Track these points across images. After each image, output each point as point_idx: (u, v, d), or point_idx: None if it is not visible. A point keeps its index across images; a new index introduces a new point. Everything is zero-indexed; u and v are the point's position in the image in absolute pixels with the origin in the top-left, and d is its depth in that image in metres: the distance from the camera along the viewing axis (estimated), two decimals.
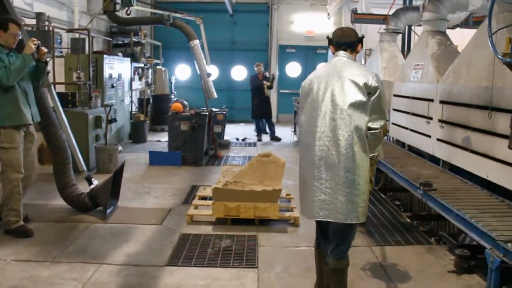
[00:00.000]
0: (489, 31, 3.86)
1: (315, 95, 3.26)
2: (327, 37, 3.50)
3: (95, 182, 5.82)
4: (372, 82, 3.10)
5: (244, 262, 4.35)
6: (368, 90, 3.08)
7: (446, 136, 6.29)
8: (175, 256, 4.45)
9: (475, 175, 5.71)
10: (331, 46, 3.43)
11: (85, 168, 5.84)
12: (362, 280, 4.07)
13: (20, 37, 4.93)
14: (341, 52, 3.35)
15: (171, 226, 5.30)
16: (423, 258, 4.54)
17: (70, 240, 4.80)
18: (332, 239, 3.32)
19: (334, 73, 3.21)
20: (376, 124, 3.11)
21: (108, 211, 5.60)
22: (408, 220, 5.66)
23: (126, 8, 9.82)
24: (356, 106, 3.07)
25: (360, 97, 3.07)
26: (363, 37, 3.41)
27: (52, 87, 5.79)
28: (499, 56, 3.63)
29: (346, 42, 3.34)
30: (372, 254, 4.61)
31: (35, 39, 4.90)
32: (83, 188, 5.82)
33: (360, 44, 3.39)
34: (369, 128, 3.11)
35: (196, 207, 5.78)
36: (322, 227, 3.47)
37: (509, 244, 3.62)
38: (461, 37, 10.32)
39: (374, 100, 3.09)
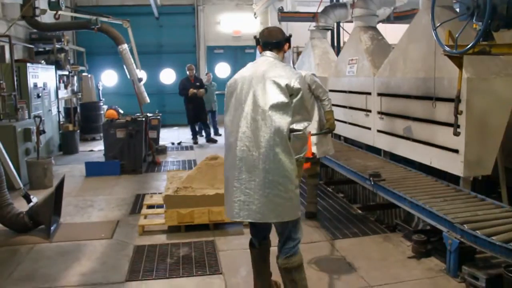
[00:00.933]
0: (433, 25, 4.00)
1: (239, 95, 3.22)
2: (254, 37, 3.49)
3: (34, 200, 5.44)
4: (295, 84, 3.05)
5: (208, 269, 4.23)
6: (290, 92, 3.03)
7: (387, 127, 6.51)
8: (134, 270, 4.24)
9: (413, 163, 5.96)
10: (258, 46, 3.40)
11: (22, 185, 5.47)
12: (327, 274, 4.09)
13: None
14: (268, 52, 3.32)
15: (122, 239, 5.04)
16: (382, 247, 4.65)
17: (13, 266, 4.42)
18: (279, 238, 3.32)
19: (258, 74, 3.17)
20: (299, 126, 3.04)
21: (52, 229, 5.24)
22: (360, 211, 5.78)
23: (55, 13, 9.27)
24: (277, 107, 3.03)
25: (282, 98, 3.03)
26: (290, 36, 3.40)
27: None
28: (446, 48, 3.78)
29: (273, 42, 3.32)
30: (332, 248, 4.65)
31: None
32: (19, 206, 5.41)
33: (287, 44, 3.37)
34: (292, 130, 3.04)
35: (145, 217, 5.56)
36: (254, 226, 3.48)
37: (465, 225, 3.80)
38: (384, 32, 10.77)
39: (296, 102, 3.04)
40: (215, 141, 12.15)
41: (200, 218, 5.16)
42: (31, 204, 5.38)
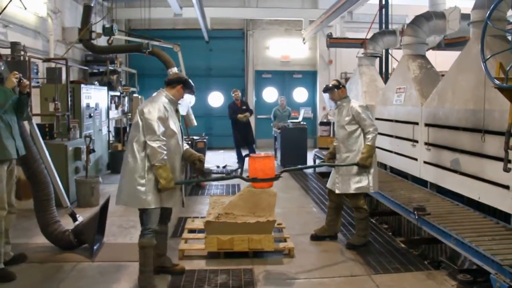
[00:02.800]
0: (482, 57, 3.88)
1: None
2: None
3: (80, 218, 5.60)
4: (140, 110, 4.33)
5: None
6: (139, 115, 4.30)
7: (433, 159, 6.33)
8: None
9: (462, 196, 5.74)
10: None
11: (69, 204, 5.63)
12: None
13: (1, 68, 4.76)
14: (161, 89, 4.60)
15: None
16: (425, 285, 4.46)
17: (56, 283, 4.55)
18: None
19: None
20: (148, 140, 4.21)
21: (95, 248, 5.37)
22: (403, 245, 5.59)
23: (108, 38, 9.69)
24: (134, 126, 4.36)
25: (137, 119, 4.32)
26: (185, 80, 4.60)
27: (33, 120, 5.58)
28: (496, 82, 3.65)
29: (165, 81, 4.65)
30: (373, 283, 4.51)
31: (16, 73, 4.72)
32: (66, 224, 5.58)
33: (177, 85, 4.56)
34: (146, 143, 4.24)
35: (186, 241, 5.60)
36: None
37: None
38: (434, 59, 10.55)
39: (141, 123, 4.27)
40: None
41: (239, 246, 5.14)
42: (77, 222, 5.53)
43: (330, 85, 5.69)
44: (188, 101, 9.70)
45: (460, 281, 4.18)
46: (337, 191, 5.60)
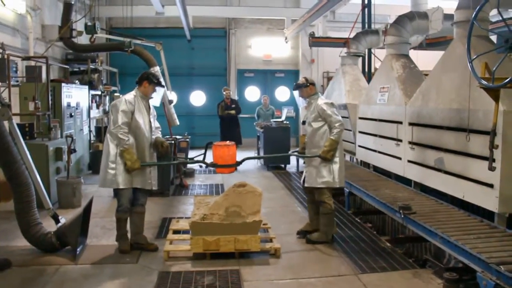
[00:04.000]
0: (468, 57, 3.91)
1: None
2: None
3: (62, 220, 5.48)
4: (110, 105, 5.26)
5: None
6: (110, 109, 5.22)
7: (418, 158, 6.37)
8: None
9: (446, 195, 5.79)
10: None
11: (51, 205, 5.51)
12: None
13: None
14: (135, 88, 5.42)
15: (147, 264, 5.02)
16: (412, 283, 4.49)
17: (38, 287, 4.44)
18: None
19: None
20: (112, 129, 5.07)
21: (78, 250, 5.27)
22: (388, 244, 5.61)
23: (90, 36, 9.53)
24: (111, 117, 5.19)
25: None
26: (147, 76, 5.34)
27: (13, 120, 5.45)
28: (483, 82, 3.68)
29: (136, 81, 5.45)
30: (360, 282, 4.51)
31: None
32: (48, 226, 5.47)
33: (143, 82, 5.32)
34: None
35: (171, 242, 5.53)
36: None
37: (501, 267, 3.62)
38: (415, 58, 10.69)
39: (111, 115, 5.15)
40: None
41: (226, 246, 5.10)
42: (59, 224, 5.42)
43: (299, 83, 5.90)
44: (161, 93, 9.74)
45: (446, 279, 4.19)
46: (306, 185, 5.79)
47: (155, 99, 8.93)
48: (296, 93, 6.01)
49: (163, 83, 6.31)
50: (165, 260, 5.11)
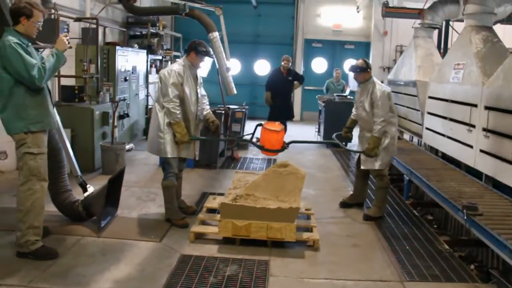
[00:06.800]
0: None
1: None
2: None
3: (90, 189, 5.21)
4: (159, 76, 5.18)
5: None
6: (158, 79, 5.18)
7: (492, 148, 5.46)
8: (170, 285, 3.78)
9: None
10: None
11: (79, 173, 5.23)
12: None
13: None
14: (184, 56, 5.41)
15: (171, 245, 4.62)
16: None
17: (54, 258, 4.18)
18: None
19: None
20: (164, 102, 5.00)
21: (104, 222, 4.98)
22: (446, 246, 4.84)
23: None
24: (157, 88, 5.21)
25: (158, 82, 5.17)
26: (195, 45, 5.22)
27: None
28: None
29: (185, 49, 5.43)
30: None
31: (67, 34, 4.36)
32: (78, 194, 5.22)
33: (191, 52, 5.20)
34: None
35: (202, 222, 5.11)
36: None
37: None
38: (502, 34, 9.43)
39: (160, 86, 5.08)
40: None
41: (257, 233, 4.58)
42: (87, 193, 5.15)
43: (360, 65, 5.68)
44: (209, 63, 9.74)
45: None
46: (362, 167, 5.81)
47: (203, 69, 8.71)
48: (351, 74, 5.77)
49: (211, 53, 5.85)
50: (190, 241, 4.69)
